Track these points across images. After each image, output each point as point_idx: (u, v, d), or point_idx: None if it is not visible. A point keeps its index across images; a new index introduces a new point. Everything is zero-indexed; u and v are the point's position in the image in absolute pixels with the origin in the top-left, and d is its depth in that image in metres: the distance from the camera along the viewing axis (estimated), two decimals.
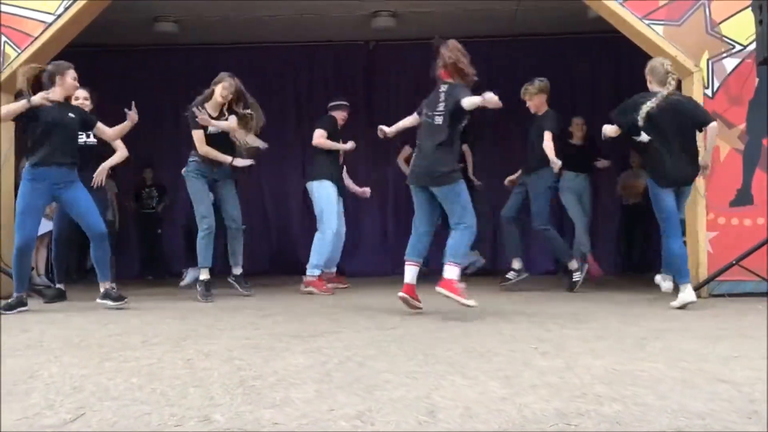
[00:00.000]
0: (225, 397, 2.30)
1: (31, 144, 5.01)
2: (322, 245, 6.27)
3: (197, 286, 5.78)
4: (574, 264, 6.24)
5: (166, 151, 9.25)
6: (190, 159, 5.84)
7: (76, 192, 5.06)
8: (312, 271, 6.27)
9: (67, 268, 6.07)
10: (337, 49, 9.24)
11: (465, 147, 7.28)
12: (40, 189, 4.96)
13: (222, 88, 5.74)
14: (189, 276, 7.22)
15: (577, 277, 6.20)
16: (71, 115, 5.15)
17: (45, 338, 3.66)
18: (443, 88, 4.65)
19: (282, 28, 8.49)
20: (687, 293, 4.79)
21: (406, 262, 4.72)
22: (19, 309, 4.92)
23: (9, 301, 4.97)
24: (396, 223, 9.32)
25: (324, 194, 6.33)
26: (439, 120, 4.58)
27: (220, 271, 6.81)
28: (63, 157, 4.99)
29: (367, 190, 7.05)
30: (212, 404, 2.21)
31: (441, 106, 4.59)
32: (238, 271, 6.03)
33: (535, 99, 6.29)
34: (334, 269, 6.74)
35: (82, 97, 5.70)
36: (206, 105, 5.75)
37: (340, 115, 6.68)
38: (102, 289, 5.13)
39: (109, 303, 5.06)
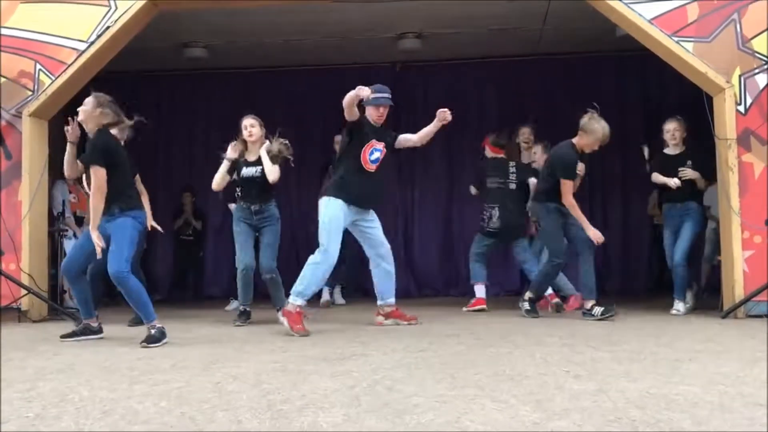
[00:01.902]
0: (253, 421, 2.29)
1: None
2: None
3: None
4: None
5: (200, 175, 9.33)
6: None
7: (112, 227, 4.50)
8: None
9: (95, 296, 6.07)
10: (363, 72, 9.28)
11: None
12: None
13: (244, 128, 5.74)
14: (234, 303, 7.36)
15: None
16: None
17: (76, 362, 3.69)
18: (512, 164, 6.65)
19: (309, 52, 8.57)
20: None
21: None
22: (82, 337, 4.68)
23: (74, 329, 4.75)
24: (419, 244, 9.30)
25: None
26: (513, 186, 6.55)
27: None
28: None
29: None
30: (240, 428, 2.20)
31: (513, 177, 6.58)
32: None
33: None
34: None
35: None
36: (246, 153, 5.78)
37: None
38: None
39: (148, 345, 4.30)
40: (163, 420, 2.33)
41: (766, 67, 5.69)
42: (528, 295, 5.90)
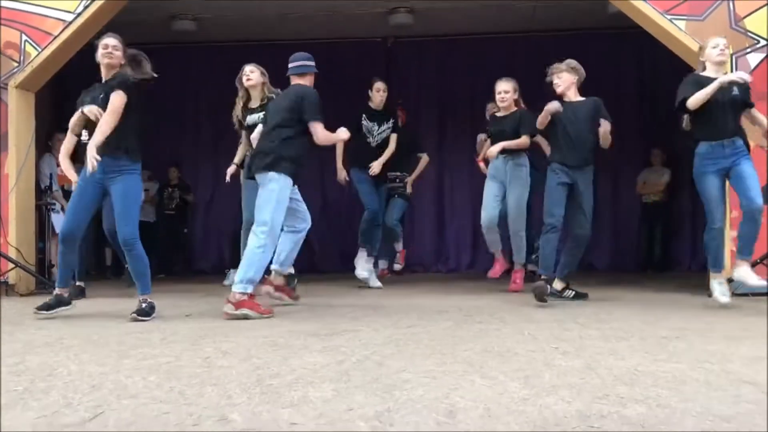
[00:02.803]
0: (242, 396, 2.29)
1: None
2: None
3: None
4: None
5: (188, 149, 9.30)
6: None
7: (119, 185, 4.31)
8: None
9: (82, 265, 5.98)
10: (355, 47, 9.21)
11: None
12: (90, 179, 4.27)
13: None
14: (231, 276, 7.35)
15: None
16: (102, 94, 4.40)
17: (64, 336, 3.68)
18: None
19: (300, 26, 8.48)
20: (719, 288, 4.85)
21: None
22: (58, 309, 4.43)
23: (47, 300, 4.49)
24: (410, 221, 9.28)
25: None
26: None
27: None
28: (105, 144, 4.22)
29: None
30: (230, 403, 2.20)
31: None
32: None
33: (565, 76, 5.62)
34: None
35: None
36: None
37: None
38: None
39: (138, 318, 4.28)
40: (152, 394, 2.33)
41: (758, 46, 5.68)
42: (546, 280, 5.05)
